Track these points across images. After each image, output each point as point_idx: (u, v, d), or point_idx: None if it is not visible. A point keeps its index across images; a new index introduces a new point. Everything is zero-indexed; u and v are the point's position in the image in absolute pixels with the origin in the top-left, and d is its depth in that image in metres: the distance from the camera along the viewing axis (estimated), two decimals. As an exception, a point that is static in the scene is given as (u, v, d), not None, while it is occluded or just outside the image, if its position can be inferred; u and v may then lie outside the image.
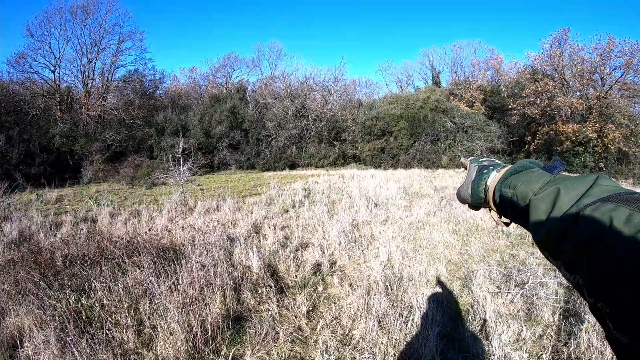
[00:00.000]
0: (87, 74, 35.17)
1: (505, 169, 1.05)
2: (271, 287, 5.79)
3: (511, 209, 0.95)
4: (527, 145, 37.81)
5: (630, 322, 0.55)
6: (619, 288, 0.56)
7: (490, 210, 1.11)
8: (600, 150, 32.95)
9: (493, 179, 1.06)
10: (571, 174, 0.94)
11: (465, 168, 1.29)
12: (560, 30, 36.27)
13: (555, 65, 36.36)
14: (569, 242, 0.69)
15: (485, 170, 1.12)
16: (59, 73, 33.95)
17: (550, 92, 35.05)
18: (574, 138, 33.40)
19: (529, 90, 36.45)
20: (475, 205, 1.17)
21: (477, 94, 42.86)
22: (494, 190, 1.03)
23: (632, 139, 32.88)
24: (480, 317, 4.96)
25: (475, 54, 55.29)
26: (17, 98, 30.73)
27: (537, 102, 35.67)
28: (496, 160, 1.20)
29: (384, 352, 4.25)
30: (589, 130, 32.62)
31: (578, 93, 36.15)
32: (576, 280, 0.68)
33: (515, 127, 38.46)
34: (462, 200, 1.21)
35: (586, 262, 0.65)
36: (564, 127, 34.41)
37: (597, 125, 32.92)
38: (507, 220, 1.05)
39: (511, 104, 38.05)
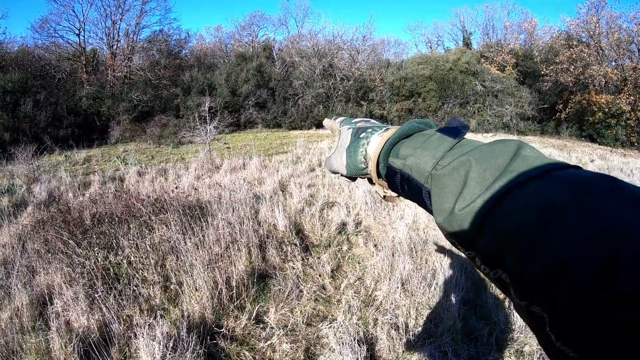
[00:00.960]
0: (111, 35, 34.94)
1: (390, 131, 0.82)
2: (296, 245, 5.81)
3: (403, 184, 0.74)
4: (558, 114, 36.92)
5: (579, 330, 0.38)
6: (565, 288, 0.39)
7: (373, 184, 0.92)
8: (633, 124, 31.94)
9: (376, 145, 0.84)
10: (477, 140, 0.66)
11: (333, 131, 1.13)
12: (598, -5, 35.18)
13: (591, 32, 35.27)
14: (490, 233, 0.51)
15: (363, 134, 0.90)
16: (84, 36, 33.88)
17: (585, 59, 34.08)
18: (606, 109, 32.43)
19: (562, 57, 35.44)
20: (352, 177, 0.97)
21: (508, 57, 41.93)
22: (378, 159, 0.82)
23: (668, 115, 32.03)
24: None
25: (508, 16, 53.94)
26: (43, 63, 30.78)
27: (571, 69, 34.75)
28: (372, 121, 1.01)
29: (407, 314, 4.26)
30: (622, 102, 31.65)
31: (613, 63, 35.12)
32: (497, 275, 0.51)
33: (547, 94, 37.56)
34: (333, 171, 1.00)
35: (516, 257, 0.46)
36: (597, 97, 33.46)
37: (632, 97, 31.91)
38: (395, 195, 0.88)
39: (544, 69, 37.09)
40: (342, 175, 0.97)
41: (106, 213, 6.57)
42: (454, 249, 5.86)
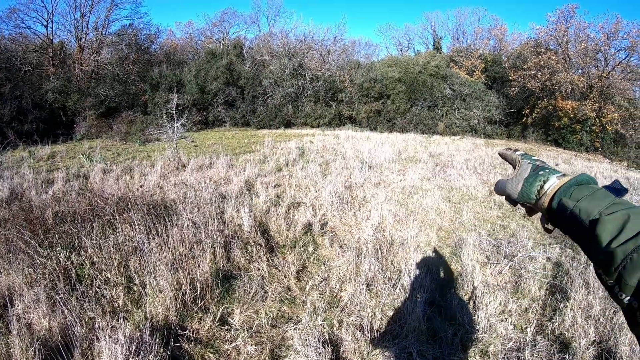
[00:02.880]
0: (80, 28, 34.00)
1: (567, 178, 1.02)
2: (261, 246, 5.80)
3: (568, 221, 0.94)
4: (524, 118, 37.64)
5: None
6: None
7: (534, 212, 1.13)
8: (597, 130, 32.94)
9: (553, 184, 1.03)
10: (629, 201, 0.94)
11: (510, 161, 1.27)
12: (567, 6, 35.81)
13: (560, 40, 36.01)
14: (633, 269, 0.72)
15: (542, 172, 1.08)
16: (52, 28, 33.01)
17: (552, 66, 34.82)
18: (572, 115, 33.28)
19: (530, 63, 36.14)
20: (515, 201, 1.15)
21: (477, 62, 42.47)
22: (553, 196, 1.01)
23: (630, 122, 33.03)
24: (468, 286, 4.99)
25: (479, 22, 54.83)
26: (9, 54, 29.97)
27: (538, 75, 35.42)
28: (547, 163, 1.17)
29: (372, 315, 4.28)
30: (587, 108, 32.52)
31: (580, 70, 36.00)
32: (630, 302, 0.74)
33: (514, 98, 38.20)
34: (504, 192, 1.19)
35: None
36: (563, 103, 34.23)
37: (597, 104, 32.85)
38: (551, 227, 1.06)
39: (512, 75, 37.75)
40: (509, 197, 1.17)
41: (69, 212, 6.47)
42: (419, 251, 5.91)
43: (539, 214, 1.11)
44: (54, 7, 32.66)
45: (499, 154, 1.36)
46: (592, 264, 0.87)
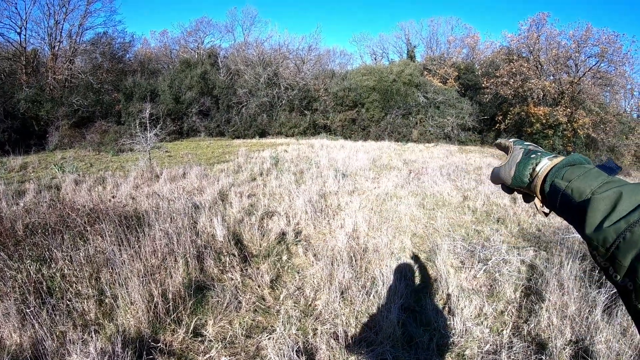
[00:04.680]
0: (54, 36, 33.50)
1: (558, 159, 1.01)
2: (235, 255, 5.77)
3: (562, 202, 0.93)
4: (497, 125, 38.18)
5: None
6: None
7: (530, 197, 1.11)
8: (569, 135, 33.61)
9: (544, 166, 1.02)
10: (623, 179, 0.91)
11: (503, 148, 1.28)
12: (539, 14, 36.46)
13: (531, 48, 36.63)
14: (626, 248, 0.70)
15: (533, 155, 1.07)
16: (25, 35, 32.51)
17: (524, 73, 35.38)
18: (544, 121, 33.92)
19: (503, 71, 36.69)
20: (511, 188, 1.15)
21: (451, 70, 42.97)
22: (545, 178, 1.00)
23: (601, 126, 33.69)
24: (443, 291, 5.01)
25: (452, 31, 55.56)
26: (-20, 62, 29.47)
27: (511, 82, 35.95)
28: (540, 148, 1.15)
29: (346, 323, 4.27)
30: (559, 114, 33.15)
31: (551, 77, 36.71)
32: (624, 283, 0.71)
33: (487, 105, 38.73)
34: (498, 179, 1.19)
35: None
36: (535, 109, 34.86)
37: (568, 110, 33.48)
38: (547, 210, 1.05)
39: (484, 82, 38.25)
40: (504, 185, 1.18)
41: (40, 223, 6.37)
42: (394, 257, 5.92)
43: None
44: (28, 14, 32.33)
45: (495, 144, 1.37)
46: (586, 245, 0.84)
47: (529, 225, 8.08)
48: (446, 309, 4.65)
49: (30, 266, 4.99)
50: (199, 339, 4.09)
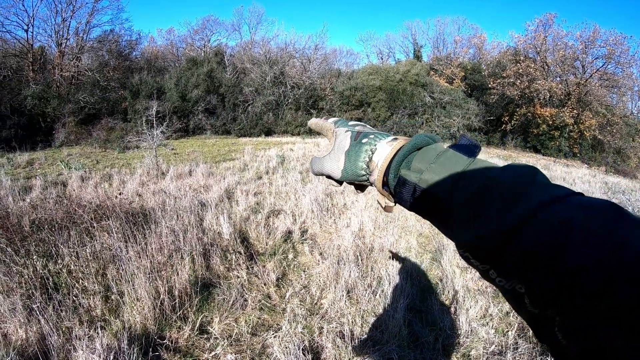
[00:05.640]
0: (61, 33, 33.67)
1: (400, 142, 0.81)
2: (241, 253, 5.77)
3: (417, 197, 0.72)
4: (503, 125, 38.17)
5: (584, 329, 0.47)
6: (578, 296, 0.47)
7: (360, 191, 0.94)
8: (575, 136, 33.56)
9: (385, 154, 0.81)
10: (487, 160, 0.70)
11: (323, 132, 1.05)
12: (546, 15, 36.53)
13: (538, 49, 36.60)
14: (514, 250, 0.53)
15: (365, 140, 0.86)
16: (32, 32, 32.46)
17: (531, 74, 35.35)
18: (550, 122, 33.87)
19: (509, 71, 36.66)
20: (340, 182, 0.94)
21: (457, 70, 42.91)
22: (387, 169, 0.79)
23: (608, 128, 33.65)
24: (449, 291, 5.00)
25: (458, 31, 55.37)
26: (-12, 59, 29.52)
27: (517, 83, 35.93)
28: (369, 127, 0.96)
29: (352, 322, 4.26)
30: (566, 115, 33.10)
31: (558, 78, 36.69)
32: (512, 286, 0.55)
33: (494, 106, 38.70)
34: (320, 173, 0.97)
35: (537, 271, 0.51)
36: (542, 110, 34.82)
37: (575, 111, 33.46)
38: (392, 204, 0.83)
39: (491, 83, 38.22)
40: (331, 178, 0.94)
41: (46, 219, 6.37)
42: (399, 256, 5.91)
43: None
44: (35, 12, 32.25)
45: (309, 124, 1.12)
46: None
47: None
48: (452, 309, 4.64)
49: (36, 262, 5.00)
50: (205, 336, 4.08)
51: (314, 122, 1.09)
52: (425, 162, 0.71)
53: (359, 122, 0.98)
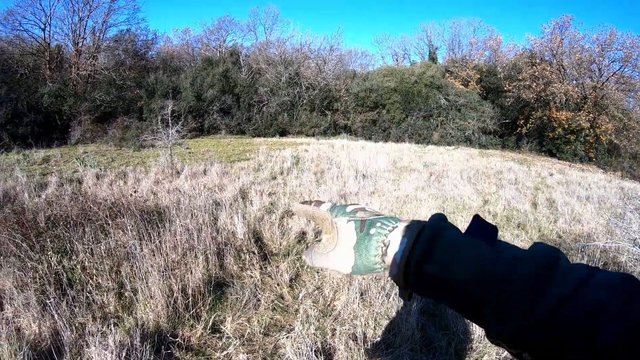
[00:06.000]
0: (78, 32, 33.89)
1: (410, 230, 0.74)
2: (255, 253, 5.77)
3: (442, 291, 0.68)
4: (519, 129, 37.85)
5: None
6: None
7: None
8: (591, 141, 33.14)
9: (401, 248, 0.73)
10: (509, 243, 0.71)
11: (316, 220, 0.89)
12: (562, 17, 36.09)
13: (554, 52, 36.25)
14: (552, 334, 0.54)
15: (373, 230, 0.77)
16: (49, 31, 32.72)
17: (547, 77, 35.00)
18: (566, 126, 33.49)
19: (525, 74, 36.32)
20: (350, 275, 0.84)
21: (473, 73, 42.63)
22: (406, 263, 0.70)
23: (624, 133, 33.25)
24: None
25: (474, 33, 54.96)
26: (6, 56, 29.87)
27: (533, 86, 35.59)
28: (368, 207, 0.86)
29: (365, 324, 4.25)
30: (582, 119, 32.73)
31: (574, 81, 36.30)
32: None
33: (509, 109, 38.39)
34: (324, 268, 0.86)
35: (573, 353, 0.53)
36: (558, 114, 34.47)
37: (591, 115, 33.07)
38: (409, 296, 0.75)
39: (507, 86, 37.87)
40: (337, 272, 0.82)
41: (61, 216, 6.41)
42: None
43: None
44: (52, 11, 32.46)
45: (294, 210, 0.96)
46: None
47: (550, 232, 8.00)
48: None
49: (51, 258, 5.03)
50: (217, 335, 4.10)
51: (302, 209, 0.92)
52: (446, 254, 0.68)
53: (357, 205, 0.87)
